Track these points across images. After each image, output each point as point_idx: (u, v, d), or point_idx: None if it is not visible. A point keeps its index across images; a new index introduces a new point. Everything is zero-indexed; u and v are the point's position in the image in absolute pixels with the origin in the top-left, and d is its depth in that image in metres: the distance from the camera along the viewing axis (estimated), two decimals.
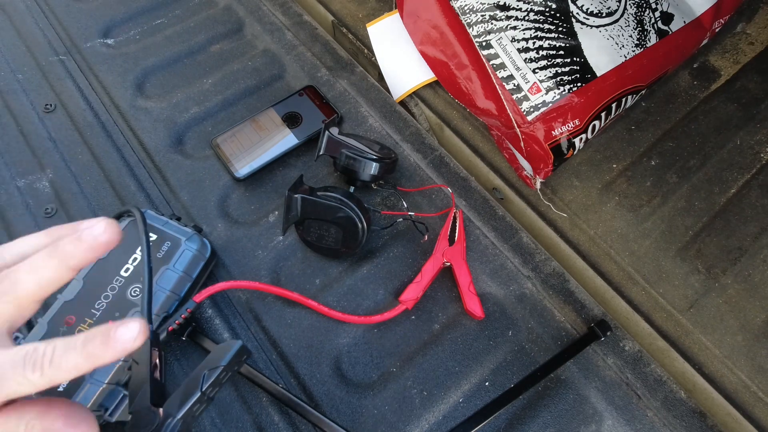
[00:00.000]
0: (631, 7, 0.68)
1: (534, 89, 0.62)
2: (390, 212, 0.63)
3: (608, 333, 0.56)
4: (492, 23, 0.64)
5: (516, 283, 0.60)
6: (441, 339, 0.56)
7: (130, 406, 0.37)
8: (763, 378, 0.55)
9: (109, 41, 0.77)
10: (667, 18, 0.70)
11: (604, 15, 0.67)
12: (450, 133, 0.71)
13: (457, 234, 0.60)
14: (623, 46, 0.66)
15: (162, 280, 0.51)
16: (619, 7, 0.68)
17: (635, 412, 0.54)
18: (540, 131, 0.62)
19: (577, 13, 0.65)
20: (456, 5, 0.65)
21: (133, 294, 0.50)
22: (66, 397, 0.44)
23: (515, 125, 0.62)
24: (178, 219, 0.56)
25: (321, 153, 0.59)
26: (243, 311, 0.57)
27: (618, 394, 0.54)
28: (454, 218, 0.61)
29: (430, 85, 0.74)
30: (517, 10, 0.64)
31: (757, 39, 0.79)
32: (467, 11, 0.64)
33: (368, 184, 0.62)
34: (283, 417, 0.51)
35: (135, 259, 0.51)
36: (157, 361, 0.37)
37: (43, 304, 0.30)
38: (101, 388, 0.45)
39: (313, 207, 0.56)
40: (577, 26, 0.65)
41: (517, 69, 0.63)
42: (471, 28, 0.64)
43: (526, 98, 0.62)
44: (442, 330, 0.57)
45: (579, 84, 0.63)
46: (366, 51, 0.77)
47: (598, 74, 0.64)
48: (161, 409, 0.35)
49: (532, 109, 0.62)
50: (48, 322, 0.48)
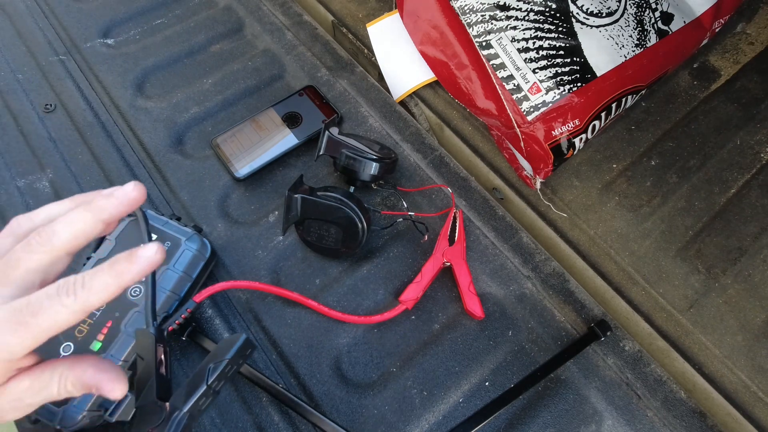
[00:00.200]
0: (631, 7, 0.68)
1: (534, 89, 0.62)
2: (390, 212, 0.63)
3: (608, 333, 0.56)
4: (492, 23, 0.64)
5: (516, 283, 0.60)
6: (441, 339, 0.56)
7: (136, 401, 0.38)
8: (763, 378, 0.55)
9: (109, 41, 0.77)
10: (667, 18, 0.70)
11: (604, 15, 0.67)
12: (450, 133, 0.71)
13: (457, 234, 0.60)
14: (623, 46, 0.66)
15: (162, 280, 0.51)
16: (619, 7, 0.68)
17: (635, 412, 0.54)
18: (540, 131, 0.62)
19: (577, 13, 0.65)
20: (456, 5, 0.65)
21: (133, 294, 0.50)
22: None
23: (515, 125, 0.62)
24: (178, 219, 0.56)
25: (321, 153, 0.59)
26: (243, 311, 0.57)
27: (618, 394, 0.54)
28: (454, 218, 0.61)
29: (430, 85, 0.74)
30: (517, 10, 0.64)
31: (757, 39, 0.79)
32: (467, 11, 0.64)
33: (368, 184, 0.62)
34: (283, 417, 0.52)
35: None
36: (162, 357, 0.37)
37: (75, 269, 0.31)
38: None
39: (313, 207, 0.56)
40: (577, 26, 0.65)
41: (517, 69, 0.63)
42: (471, 28, 0.64)
43: (526, 98, 0.62)
44: (442, 330, 0.57)
45: (579, 84, 0.63)
46: (366, 51, 0.77)
47: (598, 74, 0.64)
48: (167, 403, 0.36)
49: (532, 109, 0.62)
50: None
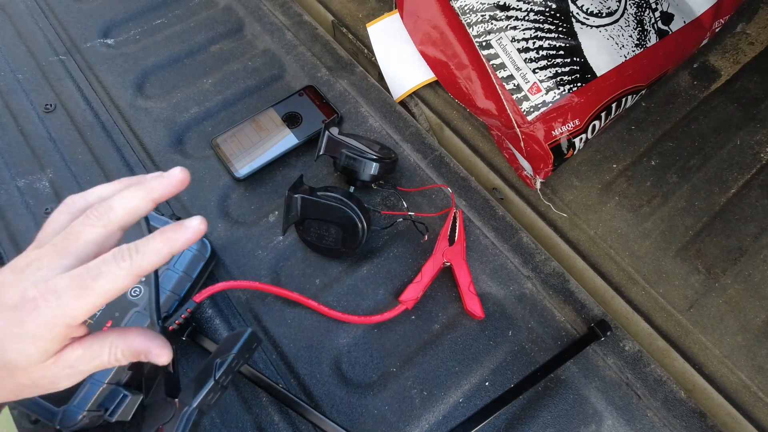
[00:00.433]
0: (631, 7, 0.68)
1: (534, 89, 0.62)
2: (390, 212, 0.63)
3: (608, 333, 0.56)
4: (492, 23, 0.64)
5: (516, 283, 0.60)
6: (441, 339, 0.56)
7: (145, 398, 0.38)
8: (763, 378, 0.55)
9: (109, 41, 0.77)
10: (667, 18, 0.70)
11: (604, 15, 0.67)
12: (450, 133, 0.71)
13: (457, 234, 0.60)
14: (623, 46, 0.66)
15: (162, 280, 0.51)
16: (619, 7, 0.68)
17: (635, 412, 0.54)
18: (540, 131, 0.62)
19: (577, 13, 0.65)
20: (456, 5, 0.65)
21: (133, 294, 0.50)
22: (67, 398, 0.45)
23: (515, 125, 0.62)
24: (178, 219, 0.56)
25: (321, 153, 0.59)
26: (243, 311, 0.57)
27: (618, 394, 0.54)
28: (454, 218, 0.61)
29: (430, 85, 0.74)
30: (517, 10, 0.64)
31: (757, 39, 0.79)
32: (467, 11, 0.64)
33: (368, 184, 0.62)
34: (283, 417, 0.52)
35: None
36: None
37: None
38: (101, 388, 0.45)
39: (313, 207, 0.55)
40: (577, 26, 0.65)
41: (517, 69, 0.63)
42: (471, 28, 0.64)
43: (526, 98, 0.62)
44: (442, 330, 0.57)
45: (579, 84, 0.63)
46: (366, 51, 0.77)
47: (598, 74, 0.64)
48: (176, 400, 0.36)
49: (532, 109, 0.62)
50: None
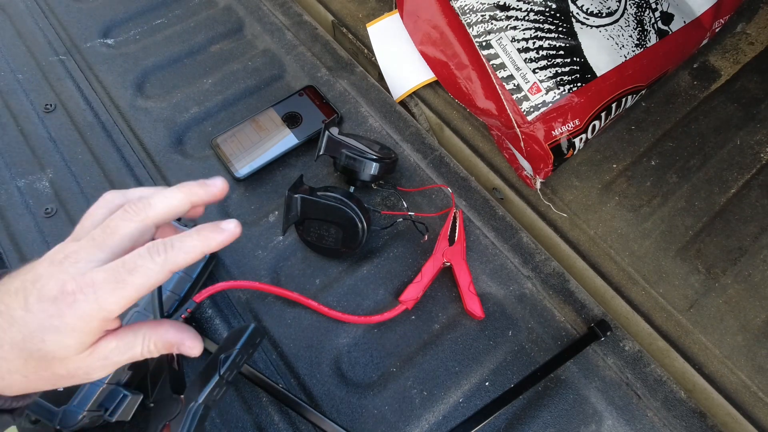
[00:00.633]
0: (631, 7, 0.68)
1: (534, 89, 0.62)
2: (390, 212, 0.63)
3: (608, 333, 0.56)
4: (492, 23, 0.64)
5: (516, 283, 0.60)
6: (441, 339, 0.56)
7: (151, 395, 0.38)
8: (763, 378, 0.55)
9: (109, 41, 0.77)
10: (667, 18, 0.70)
11: (604, 15, 0.67)
12: (450, 133, 0.71)
13: (457, 234, 0.60)
14: (623, 46, 0.66)
15: None
16: (619, 7, 0.68)
17: (635, 412, 0.54)
18: (540, 131, 0.62)
19: (577, 13, 0.65)
20: (456, 5, 0.65)
21: None
22: (67, 398, 0.45)
23: (515, 125, 0.62)
24: (178, 219, 0.56)
25: (321, 153, 0.59)
26: (243, 311, 0.57)
27: (618, 394, 0.54)
28: (454, 218, 0.61)
29: (430, 85, 0.74)
30: (517, 10, 0.64)
31: (757, 39, 0.79)
32: (467, 11, 0.64)
33: (368, 184, 0.62)
34: (283, 417, 0.51)
35: None
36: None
37: None
38: (101, 388, 0.45)
39: (313, 207, 0.55)
40: (577, 26, 0.65)
41: (517, 69, 0.63)
42: (471, 28, 0.64)
43: (526, 98, 0.62)
44: (442, 330, 0.57)
45: (579, 84, 0.63)
46: (366, 51, 0.77)
47: (598, 74, 0.64)
48: (182, 396, 0.36)
49: (532, 109, 0.62)
50: None
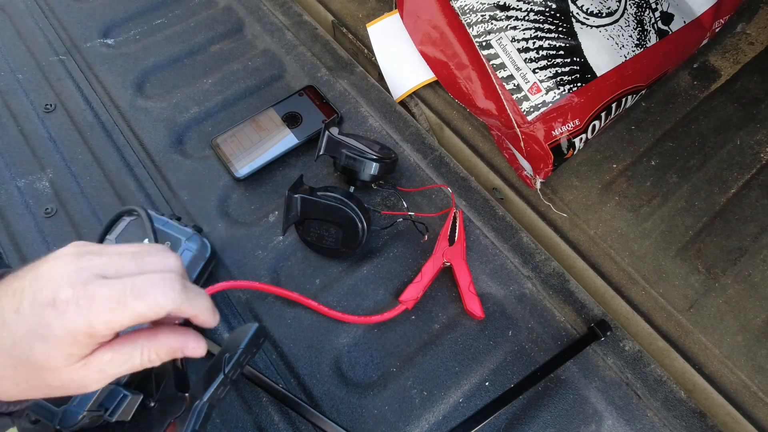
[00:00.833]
0: (631, 7, 0.68)
1: (534, 89, 0.62)
2: (390, 212, 0.63)
3: (608, 333, 0.56)
4: (492, 23, 0.64)
5: (516, 283, 0.60)
6: (441, 339, 0.56)
7: (155, 394, 0.38)
8: (763, 378, 0.55)
9: (109, 41, 0.77)
10: (667, 18, 0.70)
11: (604, 15, 0.67)
12: (450, 133, 0.71)
13: (457, 234, 0.60)
14: (623, 46, 0.66)
15: None
16: (619, 7, 0.68)
17: (635, 412, 0.54)
18: (540, 131, 0.62)
19: (577, 13, 0.65)
20: (456, 5, 0.65)
21: None
22: (67, 397, 0.44)
23: (515, 125, 0.62)
24: (178, 219, 0.56)
25: (321, 153, 0.59)
26: (243, 311, 0.57)
27: (618, 394, 0.54)
28: (454, 218, 0.61)
29: (430, 85, 0.74)
30: (517, 10, 0.64)
31: (757, 39, 0.79)
32: (467, 11, 0.64)
33: (368, 184, 0.62)
34: (283, 417, 0.51)
35: None
36: None
37: None
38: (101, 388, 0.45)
39: (313, 207, 0.55)
40: (577, 26, 0.65)
41: (517, 69, 0.63)
42: (471, 28, 0.64)
43: (526, 98, 0.62)
44: (442, 330, 0.57)
45: (579, 84, 0.63)
46: (366, 51, 0.77)
47: (598, 74, 0.64)
48: (187, 394, 0.36)
49: (532, 109, 0.62)
50: None
